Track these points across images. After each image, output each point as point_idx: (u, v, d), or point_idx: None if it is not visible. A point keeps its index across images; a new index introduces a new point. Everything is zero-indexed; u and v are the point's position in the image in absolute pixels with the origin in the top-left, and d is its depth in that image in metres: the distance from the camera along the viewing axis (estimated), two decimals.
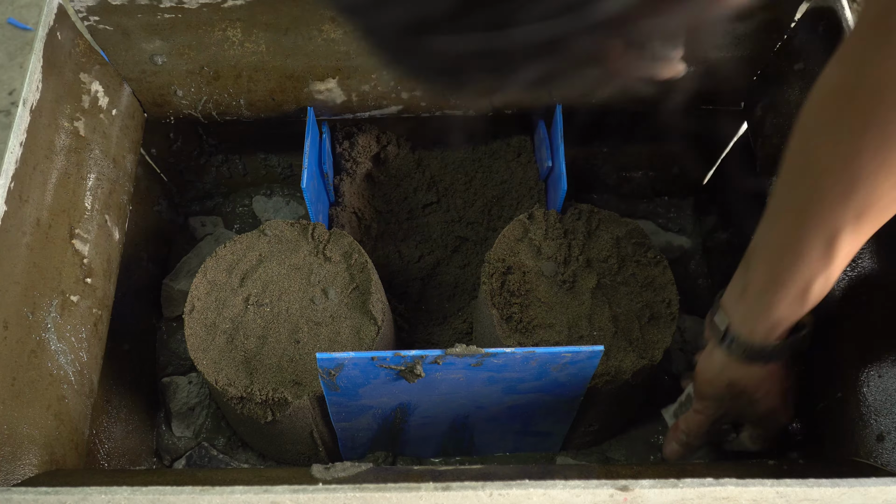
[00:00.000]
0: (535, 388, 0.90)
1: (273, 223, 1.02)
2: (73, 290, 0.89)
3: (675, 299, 0.98)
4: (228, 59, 0.99)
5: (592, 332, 0.97)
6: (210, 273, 0.99)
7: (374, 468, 0.68)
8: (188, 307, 0.97)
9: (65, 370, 0.86)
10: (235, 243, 1.01)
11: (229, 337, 0.95)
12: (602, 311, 0.98)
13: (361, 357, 0.79)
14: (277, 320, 0.97)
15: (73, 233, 0.90)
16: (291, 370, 0.94)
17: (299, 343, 0.95)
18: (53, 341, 0.85)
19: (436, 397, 0.92)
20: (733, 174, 1.16)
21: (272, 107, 1.04)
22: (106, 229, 0.96)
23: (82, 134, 0.94)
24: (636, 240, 1.02)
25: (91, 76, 0.96)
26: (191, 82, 1.01)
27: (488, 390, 0.90)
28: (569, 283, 1.00)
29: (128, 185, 1.02)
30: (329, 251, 1.00)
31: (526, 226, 1.03)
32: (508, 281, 0.98)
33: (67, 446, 0.84)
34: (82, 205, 0.92)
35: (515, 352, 0.80)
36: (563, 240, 1.02)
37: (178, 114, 1.06)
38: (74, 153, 0.92)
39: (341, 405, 0.91)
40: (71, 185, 0.91)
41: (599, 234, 1.02)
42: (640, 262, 1.00)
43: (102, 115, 0.97)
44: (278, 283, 0.99)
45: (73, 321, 0.88)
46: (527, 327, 0.97)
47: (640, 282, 0.99)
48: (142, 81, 1.01)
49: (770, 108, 1.01)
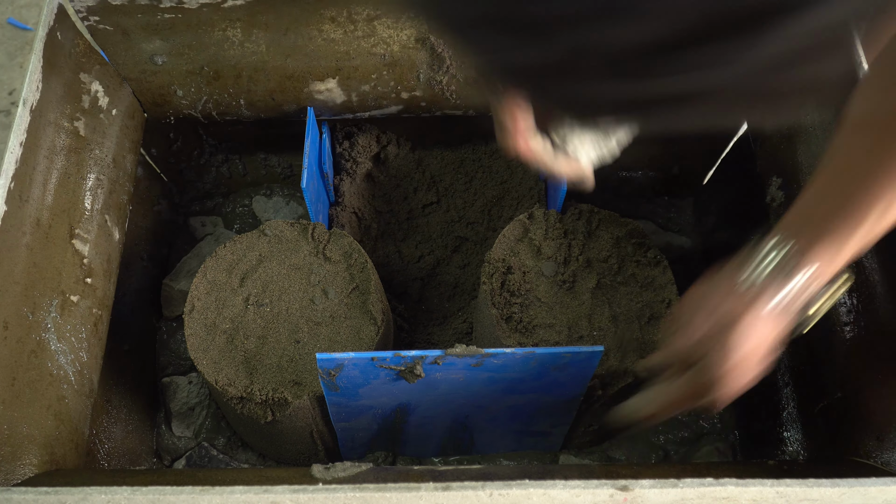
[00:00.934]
0: (534, 388, 0.90)
1: (273, 223, 1.02)
2: (74, 290, 0.89)
3: (675, 299, 0.98)
4: (228, 59, 0.99)
5: (592, 332, 0.97)
6: (210, 273, 0.99)
7: (374, 468, 0.68)
8: (188, 307, 0.97)
9: (65, 370, 0.86)
10: (235, 243, 1.01)
11: (229, 337, 0.96)
12: (602, 311, 0.98)
13: (361, 357, 0.79)
14: (277, 320, 0.97)
15: (73, 233, 0.90)
16: (291, 370, 0.94)
17: (299, 343, 0.95)
18: (53, 341, 0.85)
19: (436, 397, 0.92)
20: (733, 174, 1.16)
21: (272, 107, 1.04)
22: (106, 229, 0.96)
23: (82, 134, 0.94)
24: (636, 240, 1.02)
25: (91, 76, 0.96)
26: (191, 82, 1.01)
27: (488, 390, 0.90)
28: (569, 283, 1.00)
29: (128, 185, 1.02)
30: (329, 251, 1.00)
31: (526, 226, 1.03)
32: (508, 281, 0.98)
33: (67, 446, 0.84)
34: (82, 205, 0.92)
35: (515, 352, 0.80)
36: (564, 240, 1.02)
37: (178, 114, 1.06)
38: (74, 153, 0.92)
39: (341, 405, 0.92)
40: (71, 185, 0.91)
41: (599, 234, 1.03)
42: (640, 262, 1.00)
43: (102, 115, 0.97)
44: (278, 283, 0.99)
45: (74, 321, 0.88)
46: (527, 327, 0.97)
47: (640, 282, 0.99)
48: (142, 81, 1.01)
49: None
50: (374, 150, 1.16)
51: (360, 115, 1.08)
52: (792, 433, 0.93)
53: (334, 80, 1.01)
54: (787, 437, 0.93)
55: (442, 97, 1.03)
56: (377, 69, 1.00)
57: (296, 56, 0.99)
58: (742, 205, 1.13)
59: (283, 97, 1.03)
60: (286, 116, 1.06)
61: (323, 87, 1.02)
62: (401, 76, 1.01)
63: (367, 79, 1.01)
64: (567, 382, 0.89)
